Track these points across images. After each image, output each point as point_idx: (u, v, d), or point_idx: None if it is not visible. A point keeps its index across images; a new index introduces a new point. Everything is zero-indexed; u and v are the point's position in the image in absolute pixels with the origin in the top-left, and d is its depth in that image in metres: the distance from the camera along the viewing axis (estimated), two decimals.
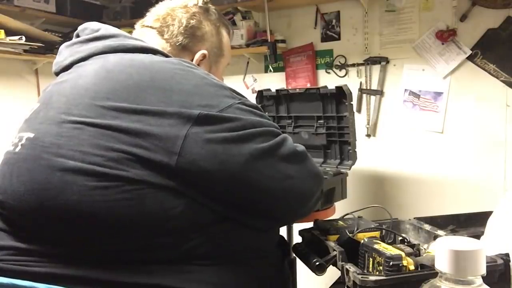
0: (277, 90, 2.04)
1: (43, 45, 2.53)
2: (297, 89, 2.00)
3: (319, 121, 1.97)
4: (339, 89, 1.84)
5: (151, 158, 0.76)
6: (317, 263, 0.92)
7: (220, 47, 1.16)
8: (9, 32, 2.36)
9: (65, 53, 0.98)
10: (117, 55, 0.91)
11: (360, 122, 2.42)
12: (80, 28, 1.01)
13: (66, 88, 0.87)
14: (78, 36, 1.00)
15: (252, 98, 2.07)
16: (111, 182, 0.75)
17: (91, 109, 0.80)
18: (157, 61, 0.88)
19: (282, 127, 2.07)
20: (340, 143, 1.94)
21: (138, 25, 1.13)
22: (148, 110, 0.78)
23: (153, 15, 1.11)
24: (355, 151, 1.88)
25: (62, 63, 0.96)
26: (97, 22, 1.01)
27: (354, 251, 0.93)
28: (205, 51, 1.10)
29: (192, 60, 1.07)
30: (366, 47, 2.40)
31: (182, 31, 1.07)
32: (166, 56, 0.97)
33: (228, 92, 0.88)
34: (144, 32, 1.09)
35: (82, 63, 0.92)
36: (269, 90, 2.10)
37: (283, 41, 2.61)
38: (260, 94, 2.12)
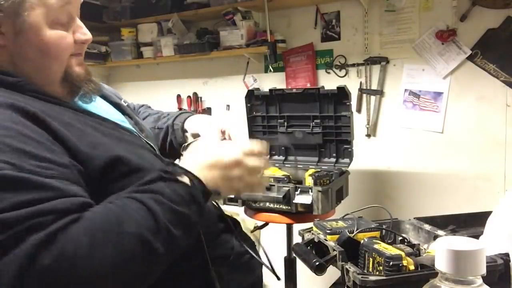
0: (270, 90, 2.05)
1: None
2: (294, 89, 2.01)
3: (315, 121, 1.99)
4: (341, 89, 1.87)
5: None
6: (317, 263, 0.92)
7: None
8: None
9: None
10: None
11: (360, 122, 2.42)
12: None
13: None
14: None
15: None
16: None
17: None
18: None
19: (273, 126, 2.11)
20: (337, 142, 1.98)
21: None
22: None
23: None
24: (352, 149, 1.94)
25: None
26: None
27: (354, 251, 0.93)
28: None
29: None
30: (366, 47, 2.40)
31: None
32: None
33: None
34: None
35: None
36: (258, 89, 2.11)
37: (283, 41, 2.61)
38: (250, 94, 2.13)
